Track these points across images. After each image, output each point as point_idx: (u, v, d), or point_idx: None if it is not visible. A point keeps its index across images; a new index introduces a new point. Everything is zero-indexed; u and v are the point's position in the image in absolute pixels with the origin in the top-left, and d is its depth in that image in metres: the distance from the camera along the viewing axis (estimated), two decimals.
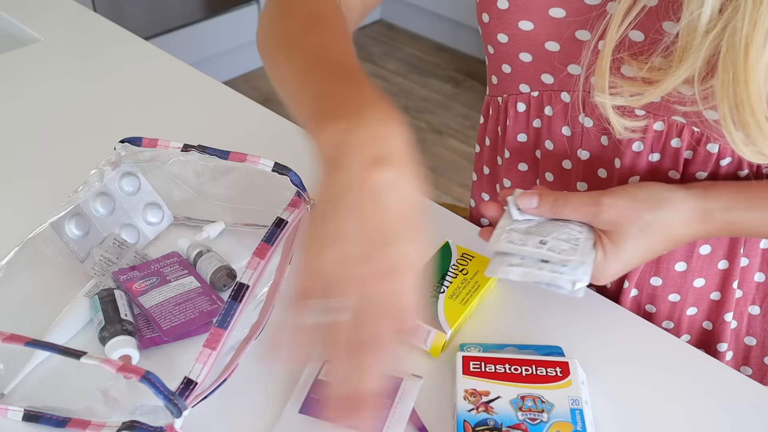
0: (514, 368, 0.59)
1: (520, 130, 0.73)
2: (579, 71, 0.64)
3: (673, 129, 0.62)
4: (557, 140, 0.70)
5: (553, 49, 0.64)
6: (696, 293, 0.70)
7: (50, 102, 1.00)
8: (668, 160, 0.64)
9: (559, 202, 0.58)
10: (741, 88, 0.51)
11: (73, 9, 1.24)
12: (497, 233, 0.60)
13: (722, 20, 0.50)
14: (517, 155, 0.75)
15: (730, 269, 0.69)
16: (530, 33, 0.64)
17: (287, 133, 0.94)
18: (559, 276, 0.56)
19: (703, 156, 0.63)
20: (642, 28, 0.58)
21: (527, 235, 0.58)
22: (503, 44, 0.66)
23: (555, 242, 0.57)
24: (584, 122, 0.67)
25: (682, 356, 0.64)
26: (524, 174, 0.76)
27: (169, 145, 0.70)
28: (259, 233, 0.76)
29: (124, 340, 0.62)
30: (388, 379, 0.43)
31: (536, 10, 0.63)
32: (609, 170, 0.68)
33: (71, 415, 0.58)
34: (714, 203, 0.59)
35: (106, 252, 0.71)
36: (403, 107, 2.59)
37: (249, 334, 0.62)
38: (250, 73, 2.77)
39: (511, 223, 0.60)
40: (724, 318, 0.71)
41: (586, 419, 0.55)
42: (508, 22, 0.65)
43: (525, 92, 0.70)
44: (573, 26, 0.62)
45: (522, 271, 0.57)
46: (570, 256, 0.56)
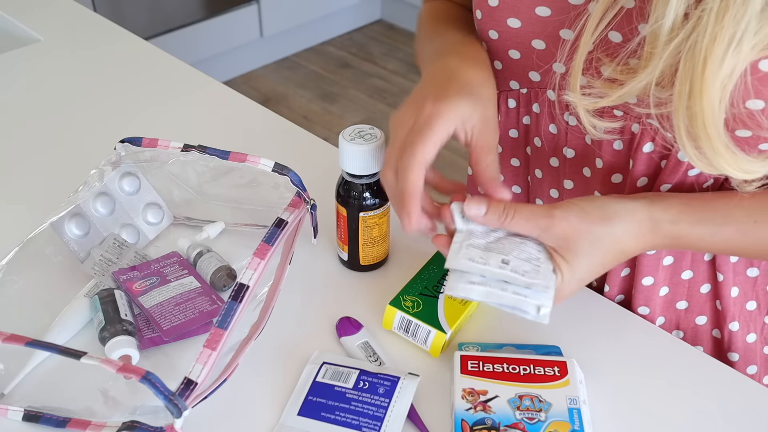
0: (512, 368, 0.59)
1: (511, 125, 0.74)
2: (563, 70, 0.64)
3: (647, 132, 0.62)
4: (545, 137, 0.71)
5: (539, 47, 0.65)
6: (663, 302, 0.71)
7: (50, 102, 1.00)
8: (641, 164, 0.64)
9: (508, 212, 0.56)
10: (695, 101, 0.50)
11: (73, 9, 1.24)
12: (455, 248, 0.56)
13: (684, 30, 0.50)
14: (509, 150, 0.76)
15: (695, 279, 0.69)
16: (518, 30, 0.65)
17: (287, 133, 0.94)
18: (524, 299, 0.54)
19: (673, 164, 0.62)
20: (620, 29, 0.58)
21: (488, 252, 0.55)
22: (494, 41, 0.67)
23: (517, 262, 0.55)
24: (569, 120, 0.67)
25: (680, 355, 0.65)
26: (516, 169, 0.77)
27: (169, 145, 0.70)
28: (259, 233, 0.76)
29: (124, 340, 0.62)
30: None
31: (523, 8, 0.63)
32: (592, 169, 0.69)
33: (71, 415, 0.58)
34: (662, 214, 0.58)
35: (106, 252, 0.71)
36: None
37: (249, 334, 0.62)
38: (250, 73, 2.77)
39: (468, 237, 0.57)
40: (696, 322, 0.72)
41: (583, 418, 0.55)
42: (497, 19, 0.65)
43: (515, 89, 0.71)
44: (557, 25, 0.62)
45: (485, 291, 0.54)
46: (533, 279, 0.54)
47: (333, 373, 0.61)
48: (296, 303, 0.69)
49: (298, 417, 0.58)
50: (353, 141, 0.64)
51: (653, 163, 0.64)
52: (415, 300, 0.65)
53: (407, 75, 2.77)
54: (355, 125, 0.66)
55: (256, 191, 0.74)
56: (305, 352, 0.64)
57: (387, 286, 0.70)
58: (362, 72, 2.80)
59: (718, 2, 0.47)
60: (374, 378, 0.60)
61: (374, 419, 0.57)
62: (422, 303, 0.64)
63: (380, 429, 0.56)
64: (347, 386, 0.59)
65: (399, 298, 0.65)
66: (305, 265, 0.72)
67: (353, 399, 0.58)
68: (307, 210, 0.68)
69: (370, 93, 2.68)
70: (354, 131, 0.65)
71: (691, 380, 0.62)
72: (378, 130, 0.66)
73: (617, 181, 0.67)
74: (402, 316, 0.64)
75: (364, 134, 0.65)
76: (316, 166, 0.81)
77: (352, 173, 0.66)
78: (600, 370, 0.62)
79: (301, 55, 2.90)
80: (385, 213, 0.69)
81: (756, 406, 0.60)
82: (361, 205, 0.67)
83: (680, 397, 0.61)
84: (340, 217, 0.69)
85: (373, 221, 0.68)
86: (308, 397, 0.59)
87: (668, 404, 0.60)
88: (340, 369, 0.61)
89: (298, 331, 0.66)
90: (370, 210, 0.68)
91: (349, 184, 0.67)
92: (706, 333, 0.72)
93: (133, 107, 0.99)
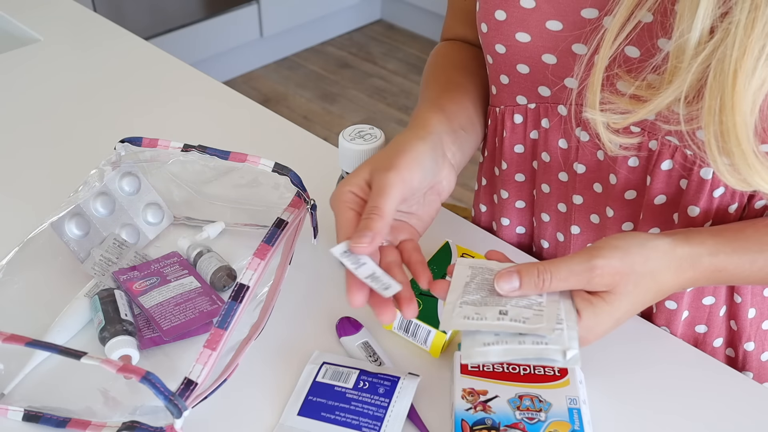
0: (512, 368, 0.59)
1: (517, 141, 0.72)
2: (575, 84, 0.63)
3: (666, 149, 0.62)
4: (553, 153, 0.70)
5: (550, 62, 0.64)
6: (683, 325, 0.70)
7: (50, 102, 1.00)
8: (659, 182, 0.63)
9: (544, 277, 0.52)
10: (727, 116, 0.49)
11: (73, 9, 1.24)
12: (448, 309, 0.53)
13: (711, 44, 0.49)
14: (514, 166, 0.74)
15: (717, 304, 0.69)
16: (527, 45, 0.64)
17: (287, 133, 0.94)
18: (545, 348, 0.50)
19: (697, 183, 0.61)
20: (637, 45, 0.57)
21: (483, 307, 0.52)
22: (501, 55, 0.66)
23: (516, 311, 0.51)
24: (580, 136, 0.66)
25: (679, 355, 0.65)
26: (521, 185, 0.75)
27: (170, 145, 0.71)
28: (259, 233, 0.76)
29: (124, 340, 0.62)
30: None
31: (533, 22, 0.63)
32: (604, 185, 0.67)
33: (71, 415, 0.58)
34: (700, 248, 0.56)
35: (106, 252, 0.71)
36: (403, 107, 2.59)
37: (249, 334, 0.62)
38: (250, 73, 2.77)
39: (461, 296, 0.53)
40: (713, 345, 0.71)
41: (583, 418, 0.55)
42: (505, 33, 0.64)
43: (522, 104, 0.69)
44: (569, 39, 0.62)
45: (502, 350, 0.51)
46: (536, 324, 0.50)
47: (333, 373, 0.61)
48: (296, 303, 0.69)
49: (298, 417, 0.58)
50: (353, 141, 0.64)
51: (672, 181, 0.63)
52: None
53: (407, 75, 2.77)
54: (355, 125, 0.66)
55: (256, 191, 0.74)
56: (305, 352, 0.64)
57: None
58: (362, 72, 2.80)
59: (746, 14, 0.47)
60: (374, 378, 0.60)
61: (374, 419, 0.57)
62: (422, 303, 0.64)
63: (380, 429, 0.56)
64: (347, 386, 0.59)
65: None
66: (305, 265, 0.72)
67: (353, 399, 0.58)
68: (307, 210, 0.68)
69: (370, 93, 2.68)
70: (354, 131, 0.65)
71: (692, 380, 0.62)
72: (378, 130, 0.66)
73: (631, 197, 0.66)
74: None
75: (364, 134, 0.65)
76: (316, 166, 0.81)
77: None
78: (600, 370, 0.62)
79: (301, 55, 2.90)
80: None
81: (756, 406, 0.60)
82: None
83: (680, 397, 0.61)
84: None
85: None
86: (308, 397, 0.59)
87: (668, 404, 0.60)
88: (340, 369, 0.61)
89: (298, 331, 0.66)
90: None
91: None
92: (720, 354, 0.72)
93: (133, 107, 0.99)
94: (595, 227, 0.71)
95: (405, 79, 2.75)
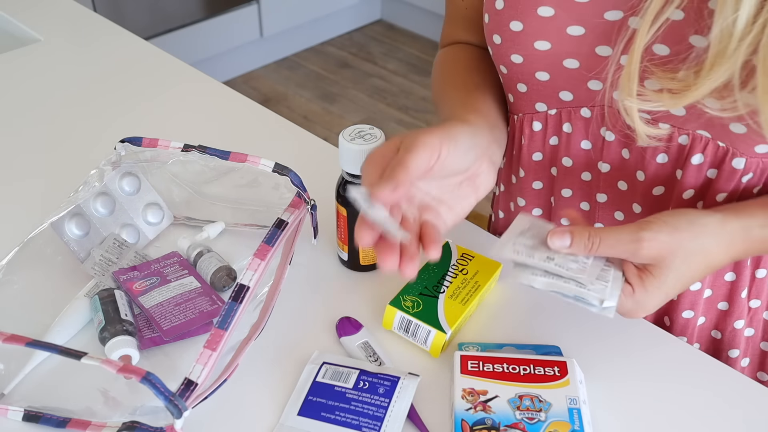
0: (512, 368, 0.59)
1: (535, 149, 0.72)
2: (599, 86, 0.63)
3: (697, 143, 0.61)
4: (576, 155, 0.69)
5: (573, 66, 0.63)
6: (704, 303, 0.70)
7: (50, 102, 1.00)
8: (690, 176, 0.63)
9: (594, 240, 0.54)
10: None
11: (73, 9, 1.24)
12: (502, 241, 0.57)
13: (758, 24, 0.49)
14: (532, 174, 0.74)
15: (737, 281, 0.68)
16: (547, 53, 0.63)
17: (287, 133, 0.94)
18: (586, 291, 0.54)
19: (728, 173, 0.61)
20: (667, 42, 0.57)
21: (533, 250, 0.56)
22: (517, 65, 0.65)
23: (563, 260, 0.55)
24: (605, 136, 0.66)
25: (679, 355, 0.65)
26: (539, 192, 0.75)
27: (170, 145, 0.71)
28: (259, 233, 0.76)
29: (125, 340, 0.62)
30: None
31: (553, 30, 0.62)
32: (630, 182, 0.67)
33: (71, 415, 0.58)
34: (751, 220, 0.58)
35: (106, 252, 0.71)
36: (403, 107, 2.59)
37: (249, 334, 0.62)
38: (250, 73, 2.77)
39: (516, 237, 0.58)
40: (734, 326, 0.71)
41: (583, 418, 0.55)
42: (522, 44, 0.64)
43: (541, 111, 0.68)
44: (593, 42, 0.61)
45: (547, 281, 0.55)
46: (578, 274, 0.54)
47: (333, 373, 0.61)
48: (296, 303, 0.69)
49: (298, 417, 0.58)
50: (353, 141, 0.64)
51: (701, 174, 0.63)
52: (415, 300, 0.65)
53: (407, 75, 2.77)
54: (355, 125, 0.66)
55: (256, 191, 0.74)
56: (305, 352, 0.64)
57: (387, 286, 0.70)
58: (362, 72, 2.80)
59: None
60: (374, 378, 0.60)
61: (374, 419, 0.57)
62: (422, 303, 0.64)
63: (380, 429, 0.56)
64: (347, 386, 0.59)
65: (399, 298, 0.65)
66: (305, 265, 0.72)
67: (353, 399, 0.58)
68: (307, 210, 0.68)
69: (370, 93, 2.68)
70: (354, 131, 0.65)
71: (691, 379, 0.62)
72: (378, 130, 0.66)
73: (659, 193, 0.66)
74: (402, 316, 0.64)
75: (364, 134, 0.65)
76: (316, 166, 0.81)
77: (352, 173, 0.66)
78: (600, 370, 0.62)
79: (301, 55, 2.90)
80: None
81: (756, 406, 0.60)
82: None
83: (680, 397, 0.61)
84: (340, 217, 0.69)
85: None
86: (308, 397, 0.59)
87: (668, 404, 0.60)
88: (340, 369, 0.61)
89: (298, 331, 0.66)
90: None
91: (349, 184, 0.67)
92: (740, 335, 0.72)
93: (133, 107, 0.99)
94: (619, 224, 0.70)
95: (405, 79, 2.75)
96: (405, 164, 0.53)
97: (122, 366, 0.53)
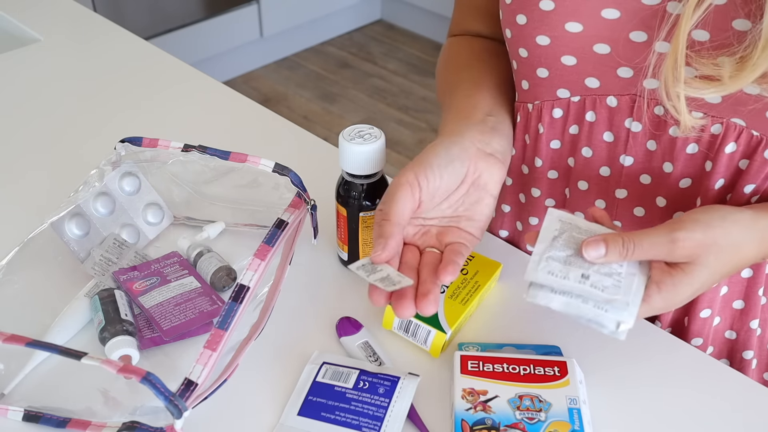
0: (512, 367, 0.59)
1: (554, 136, 0.70)
2: (629, 74, 0.62)
3: (730, 132, 0.61)
4: (597, 146, 0.68)
5: (603, 51, 0.62)
6: (720, 302, 0.70)
7: (50, 102, 1.00)
8: (721, 166, 0.62)
9: (627, 246, 0.54)
10: None
11: (73, 9, 1.24)
12: (535, 260, 0.54)
13: None
14: (548, 163, 0.72)
15: (755, 277, 0.68)
16: (578, 35, 0.62)
17: (287, 133, 0.94)
18: (603, 314, 0.53)
19: (759, 163, 0.61)
20: (707, 27, 0.56)
21: (567, 267, 0.54)
22: (542, 47, 0.64)
23: (597, 277, 0.53)
24: (631, 127, 0.65)
25: (680, 355, 0.65)
26: (554, 182, 0.73)
27: (170, 145, 0.71)
28: (259, 233, 0.76)
29: (125, 340, 0.62)
30: None
31: (587, 11, 0.60)
32: (655, 176, 0.66)
33: (71, 415, 0.58)
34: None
35: (106, 252, 0.71)
36: (403, 107, 2.59)
37: (249, 335, 0.62)
38: (250, 73, 2.77)
39: (548, 249, 0.55)
40: (749, 326, 0.70)
41: (583, 418, 0.55)
42: (551, 24, 0.62)
43: (564, 97, 0.67)
44: (628, 27, 0.60)
45: (565, 301, 0.53)
46: (613, 295, 0.53)
47: (333, 373, 0.61)
48: (296, 303, 0.69)
49: (298, 417, 0.58)
50: (353, 141, 0.64)
51: (733, 164, 0.62)
52: None
53: (407, 75, 2.77)
54: (355, 125, 0.66)
55: (256, 191, 0.74)
56: (305, 352, 0.64)
57: None
58: (362, 72, 2.80)
59: None
60: (374, 378, 0.60)
61: (374, 419, 0.57)
62: None
63: (380, 429, 0.56)
64: (347, 386, 0.59)
65: None
66: (305, 265, 0.72)
67: (353, 399, 0.58)
68: (307, 210, 0.68)
69: (370, 93, 2.68)
70: (354, 131, 0.65)
71: (692, 380, 0.62)
72: (378, 130, 0.66)
73: (686, 186, 0.65)
74: None
75: (364, 134, 0.65)
76: (316, 166, 0.81)
77: (352, 173, 0.66)
78: (600, 370, 0.62)
79: (301, 55, 2.90)
80: None
81: (757, 407, 0.60)
82: (361, 205, 0.67)
83: (680, 397, 0.61)
84: (340, 217, 0.69)
85: (373, 221, 0.68)
86: (308, 397, 0.59)
87: (668, 404, 0.60)
88: (340, 369, 0.61)
89: (298, 331, 0.66)
90: (370, 210, 0.68)
91: (349, 184, 0.67)
92: (753, 335, 0.71)
93: (133, 107, 0.99)
94: (638, 220, 0.69)
95: (405, 79, 2.75)
96: (388, 217, 0.56)
97: (122, 366, 0.53)
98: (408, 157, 2.37)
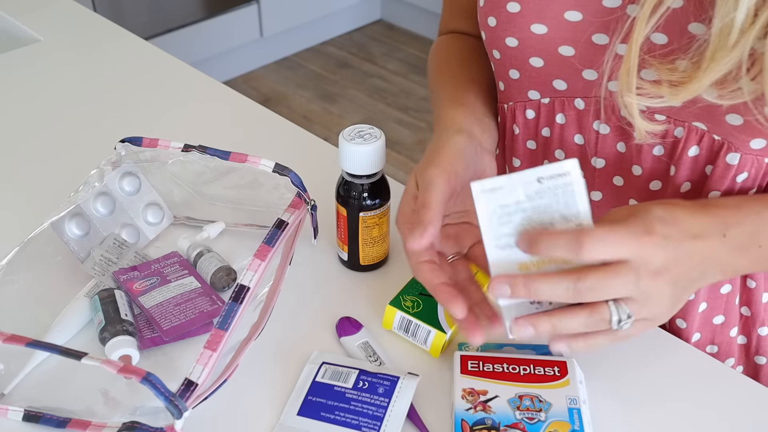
0: (512, 367, 0.59)
1: (529, 137, 0.71)
2: (594, 76, 0.62)
3: (692, 135, 0.61)
4: (569, 149, 0.68)
5: (567, 54, 0.63)
6: (700, 317, 0.70)
7: (50, 102, 1.00)
8: (685, 169, 0.63)
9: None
10: None
11: (73, 9, 1.24)
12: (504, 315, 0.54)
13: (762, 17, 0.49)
14: (526, 163, 0.73)
15: (733, 292, 0.68)
16: (543, 37, 0.62)
17: (287, 133, 0.94)
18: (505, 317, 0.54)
19: (722, 169, 0.61)
20: (665, 31, 0.57)
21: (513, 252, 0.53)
22: (512, 48, 0.65)
23: None
24: (599, 129, 0.65)
25: (680, 355, 0.65)
26: None
27: (170, 145, 0.71)
28: (259, 233, 0.76)
29: (125, 340, 0.62)
30: None
31: (551, 13, 0.61)
32: (626, 177, 0.67)
33: (71, 415, 0.58)
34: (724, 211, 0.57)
35: (106, 252, 0.71)
36: (403, 107, 2.59)
37: (249, 335, 0.62)
38: (250, 73, 2.77)
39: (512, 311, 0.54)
40: (729, 335, 0.71)
41: (583, 418, 0.55)
42: (519, 26, 0.63)
43: (534, 99, 0.68)
44: (590, 30, 0.61)
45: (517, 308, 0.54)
46: None
47: (333, 373, 0.61)
48: (296, 303, 0.69)
49: (298, 417, 0.58)
50: (353, 141, 0.64)
51: (698, 167, 0.62)
52: (415, 300, 0.65)
53: (407, 75, 2.77)
54: (355, 125, 0.66)
55: (256, 192, 0.74)
56: (305, 352, 0.64)
57: (387, 286, 0.70)
58: (362, 72, 2.80)
59: None
60: (374, 378, 0.60)
61: (374, 419, 0.57)
62: (422, 303, 0.64)
63: (380, 429, 0.56)
64: (347, 386, 0.59)
65: (399, 298, 0.65)
66: (305, 266, 0.72)
67: (353, 399, 0.58)
68: (307, 211, 0.68)
69: (370, 93, 2.68)
70: (354, 131, 0.65)
71: (692, 380, 0.62)
72: (378, 130, 0.66)
73: (656, 188, 0.65)
74: (402, 316, 0.64)
75: (364, 134, 0.65)
76: (316, 166, 0.81)
77: (352, 173, 0.66)
78: (600, 370, 0.62)
79: (301, 55, 2.90)
80: (385, 213, 0.69)
81: (756, 407, 0.60)
82: (361, 205, 0.68)
83: (680, 398, 0.61)
84: (340, 217, 0.69)
85: (373, 221, 0.68)
86: (308, 397, 0.59)
87: (668, 404, 0.60)
88: (340, 369, 0.61)
89: (298, 331, 0.66)
90: (370, 210, 0.68)
91: (349, 184, 0.67)
92: (733, 343, 0.72)
93: (133, 107, 0.99)
94: None
95: (405, 79, 2.75)
96: (427, 204, 0.55)
97: (122, 366, 0.53)
98: (408, 157, 2.37)
